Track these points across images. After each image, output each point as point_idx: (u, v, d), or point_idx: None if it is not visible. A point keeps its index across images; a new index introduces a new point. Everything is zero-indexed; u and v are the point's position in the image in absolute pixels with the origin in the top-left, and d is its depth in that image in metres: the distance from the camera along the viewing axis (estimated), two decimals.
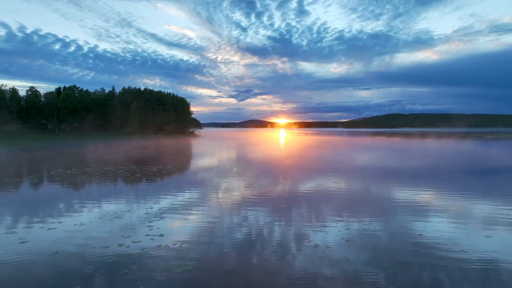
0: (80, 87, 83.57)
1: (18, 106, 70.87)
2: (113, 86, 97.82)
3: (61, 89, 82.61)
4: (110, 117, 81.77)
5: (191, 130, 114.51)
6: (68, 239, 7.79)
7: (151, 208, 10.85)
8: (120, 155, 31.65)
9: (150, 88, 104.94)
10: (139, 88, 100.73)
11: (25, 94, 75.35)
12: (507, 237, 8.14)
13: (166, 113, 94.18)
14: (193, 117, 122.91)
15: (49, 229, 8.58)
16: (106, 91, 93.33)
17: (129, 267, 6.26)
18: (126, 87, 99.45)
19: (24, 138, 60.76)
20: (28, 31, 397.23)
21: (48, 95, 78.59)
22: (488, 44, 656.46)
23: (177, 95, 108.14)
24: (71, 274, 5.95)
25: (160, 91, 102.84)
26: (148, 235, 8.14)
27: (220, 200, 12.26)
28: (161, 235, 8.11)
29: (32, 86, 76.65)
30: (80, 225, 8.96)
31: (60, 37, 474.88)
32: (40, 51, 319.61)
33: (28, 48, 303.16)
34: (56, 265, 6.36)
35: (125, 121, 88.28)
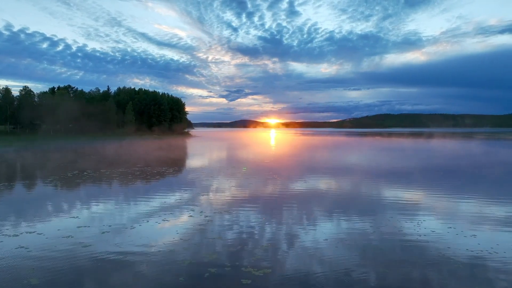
0: (75, 87, 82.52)
1: (11, 106, 69.38)
2: (108, 86, 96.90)
3: (55, 89, 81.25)
4: (105, 118, 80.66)
5: (185, 130, 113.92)
6: (129, 243, 7.71)
7: (192, 210, 10.81)
8: (134, 156, 31.30)
9: (140, 88, 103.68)
10: (134, 88, 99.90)
11: (18, 94, 73.93)
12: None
13: (162, 113, 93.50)
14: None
15: (103, 232, 8.48)
16: (101, 91, 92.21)
17: (208, 270, 6.25)
18: (122, 87, 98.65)
19: (19, 139, 59.48)
20: (15, 30, 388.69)
21: (42, 95, 77.22)
22: (475, 45, 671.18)
23: (172, 95, 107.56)
24: (148, 279, 5.93)
25: (155, 91, 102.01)
26: (206, 237, 8.13)
27: (259, 200, 12.26)
28: (220, 238, 8.12)
29: (26, 86, 75.07)
30: (131, 228, 8.88)
31: (48, 35, 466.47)
32: (27, 49, 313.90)
33: (15, 47, 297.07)
34: (133, 269, 6.32)
35: (121, 121, 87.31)
